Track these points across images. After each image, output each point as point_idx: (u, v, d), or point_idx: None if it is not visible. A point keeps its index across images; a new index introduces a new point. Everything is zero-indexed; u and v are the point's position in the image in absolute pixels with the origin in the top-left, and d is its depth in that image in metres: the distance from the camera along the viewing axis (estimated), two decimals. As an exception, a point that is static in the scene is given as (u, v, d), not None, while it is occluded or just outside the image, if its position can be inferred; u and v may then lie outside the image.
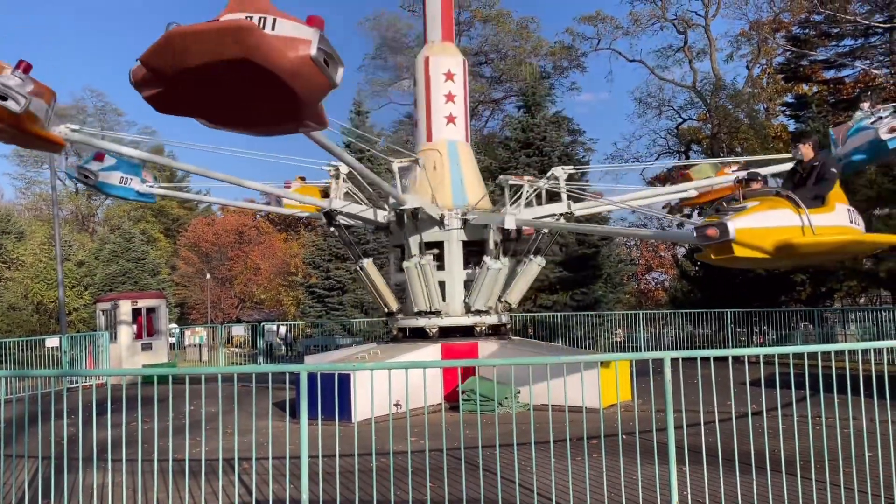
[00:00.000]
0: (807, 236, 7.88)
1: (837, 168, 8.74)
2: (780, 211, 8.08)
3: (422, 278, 13.83)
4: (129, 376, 16.95)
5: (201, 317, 50.17)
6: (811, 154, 8.68)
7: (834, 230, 8.12)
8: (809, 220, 7.90)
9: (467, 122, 15.61)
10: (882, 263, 20.58)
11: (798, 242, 7.94)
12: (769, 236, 8.06)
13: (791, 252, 8.20)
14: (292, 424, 9.36)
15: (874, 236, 8.93)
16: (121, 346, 21.44)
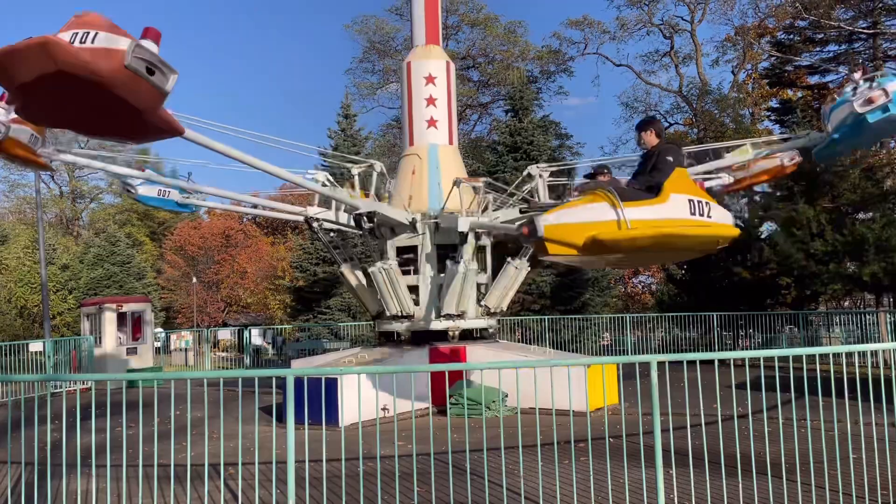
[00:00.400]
0: (622, 231, 7.42)
1: (678, 156, 7.96)
2: (595, 205, 7.64)
3: (388, 283, 13.81)
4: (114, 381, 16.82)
5: (187, 321, 49.85)
6: (654, 141, 8.09)
7: (652, 224, 7.50)
8: (623, 214, 7.40)
9: (451, 125, 15.51)
10: (865, 267, 20.76)
11: (609, 238, 7.52)
12: (580, 232, 7.65)
13: (605, 248, 7.75)
14: (279, 429, 9.31)
15: (708, 229, 7.79)
16: (105, 350, 21.27)
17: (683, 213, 7.59)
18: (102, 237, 41.59)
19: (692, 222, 7.59)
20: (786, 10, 34.57)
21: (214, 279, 53.20)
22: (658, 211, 7.50)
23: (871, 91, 8.65)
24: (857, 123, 8.67)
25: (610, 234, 7.48)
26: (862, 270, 20.88)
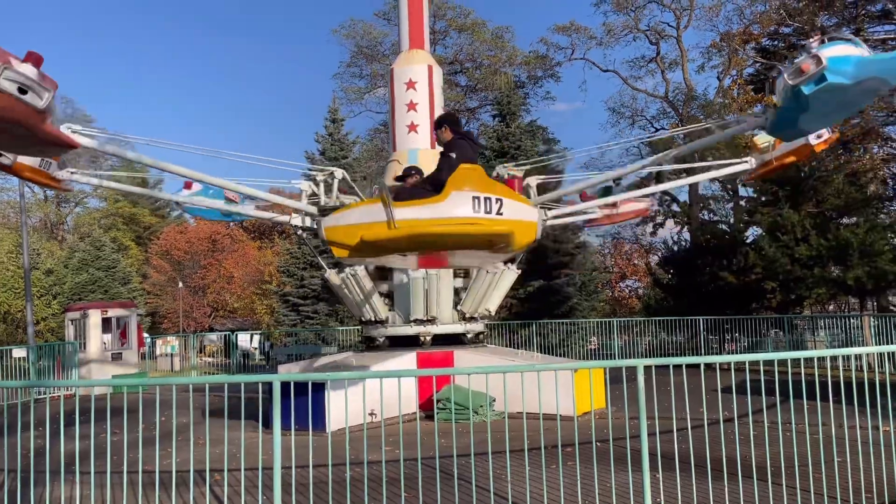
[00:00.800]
0: (390, 231, 7.55)
1: (465, 151, 7.82)
2: (371, 207, 7.76)
3: (357, 289, 13.79)
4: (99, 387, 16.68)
5: (173, 326, 49.52)
6: (449, 138, 8.05)
7: (420, 223, 7.52)
8: (392, 214, 7.50)
9: (433, 128, 15.41)
10: (850, 272, 20.95)
11: (374, 238, 7.68)
12: (353, 233, 7.90)
13: (376, 248, 7.91)
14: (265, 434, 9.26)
15: (478, 227, 7.59)
16: (90, 356, 21.09)
17: (464, 211, 7.43)
18: (87, 242, 41.28)
19: (463, 220, 7.45)
20: (770, 17, 34.89)
21: (201, 284, 52.89)
22: (434, 210, 7.46)
23: (803, 60, 7.54)
24: (796, 96, 7.77)
25: (375, 235, 7.63)
26: (846, 275, 21.07)
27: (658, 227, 45.59)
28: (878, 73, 7.03)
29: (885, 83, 7.38)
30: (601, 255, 53.45)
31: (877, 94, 8.21)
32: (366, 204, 7.89)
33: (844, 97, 7.54)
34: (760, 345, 22.87)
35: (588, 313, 28.88)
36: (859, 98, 8.02)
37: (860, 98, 8.07)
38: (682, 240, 31.16)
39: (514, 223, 7.60)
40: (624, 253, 55.55)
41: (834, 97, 7.42)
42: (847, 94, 7.41)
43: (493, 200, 7.47)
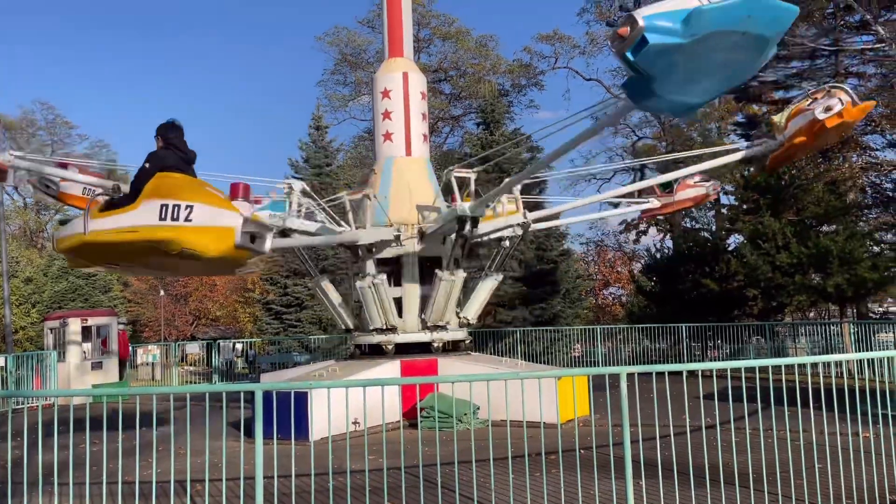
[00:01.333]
0: (81, 238, 7.99)
1: (160, 160, 7.93)
2: (80, 218, 8.23)
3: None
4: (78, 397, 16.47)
5: (154, 334, 49.08)
6: (158, 146, 8.16)
7: (102, 232, 7.89)
8: (88, 224, 7.87)
9: (409, 135, 15.27)
10: (830, 279, 21.17)
11: (71, 245, 8.23)
12: (64, 242, 8.43)
13: (82, 254, 8.34)
14: (247, 444, 9.18)
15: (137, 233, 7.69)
16: (69, 365, 20.82)
17: (150, 219, 7.52)
18: None
19: (129, 229, 7.67)
20: (751, 28, 35.30)
21: (183, 292, 52.48)
22: (128, 218, 7.69)
23: (620, 24, 6.73)
24: (627, 64, 6.92)
25: (72, 243, 8.13)
26: (826, 282, 21.30)
27: (641, 234, 45.86)
28: (726, 26, 6.21)
29: (752, 37, 6.37)
30: (585, 263, 53.65)
31: (762, 51, 6.78)
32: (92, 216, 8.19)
33: (699, 58, 6.57)
34: (742, 352, 23.03)
35: (572, 321, 28.95)
36: (732, 56, 6.74)
37: (733, 56, 6.76)
38: (664, 247, 31.34)
39: (184, 230, 7.46)
40: (607, 260, 55.81)
41: (681, 59, 6.51)
42: (698, 54, 6.46)
43: (183, 207, 7.45)
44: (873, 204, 30.79)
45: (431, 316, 14.03)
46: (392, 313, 13.96)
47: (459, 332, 14.74)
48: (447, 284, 13.78)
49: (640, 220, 38.21)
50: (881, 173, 30.83)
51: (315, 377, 13.10)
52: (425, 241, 14.31)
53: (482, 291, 14.85)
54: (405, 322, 14.24)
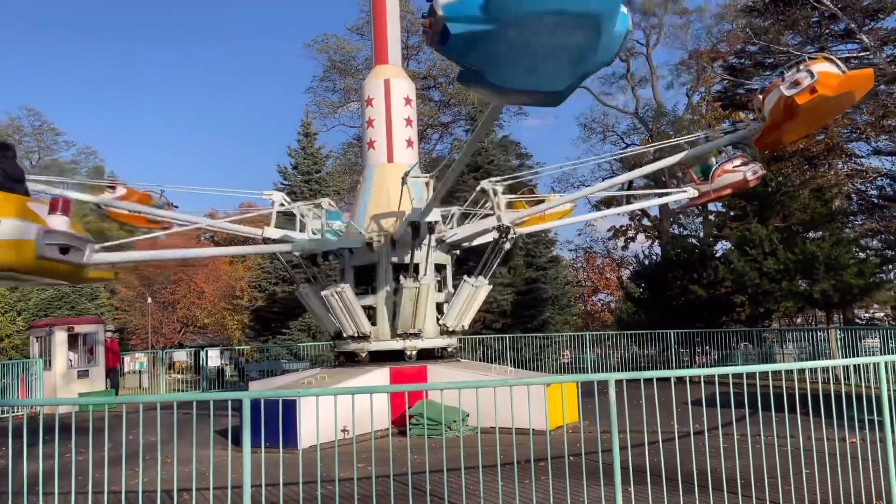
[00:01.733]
0: None
1: None
2: None
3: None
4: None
5: (142, 342, 48.73)
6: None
7: None
8: None
9: (391, 142, 15.27)
10: (816, 285, 21.30)
11: None
12: None
13: None
14: (235, 452, 9.12)
15: None
16: (55, 373, 20.63)
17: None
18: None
19: None
20: (737, 36, 35.61)
21: (170, 299, 52.16)
22: None
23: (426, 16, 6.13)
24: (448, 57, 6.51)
25: None
26: (813, 288, 21.42)
27: (629, 241, 46.05)
28: (532, 7, 5.57)
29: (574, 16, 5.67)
30: (574, 269, 53.76)
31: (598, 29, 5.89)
32: None
33: (523, 44, 5.93)
34: (730, 357, 23.14)
35: (561, 327, 28.99)
36: (564, 39, 6.01)
37: (566, 38, 6.02)
38: (652, 254, 31.49)
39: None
40: (596, 267, 55.95)
41: (498, 47, 5.96)
42: (516, 39, 5.83)
43: None
44: (859, 210, 31.06)
45: (400, 324, 13.96)
46: (362, 321, 13.91)
47: (439, 340, 14.58)
48: (410, 292, 13.61)
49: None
50: (866, 180, 31.12)
51: (304, 385, 13.05)
52: (399, 248, 14.23)
53: (460, 298, 14.61)
54: (378, 330, 14.20)
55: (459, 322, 14.46)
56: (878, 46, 27.83)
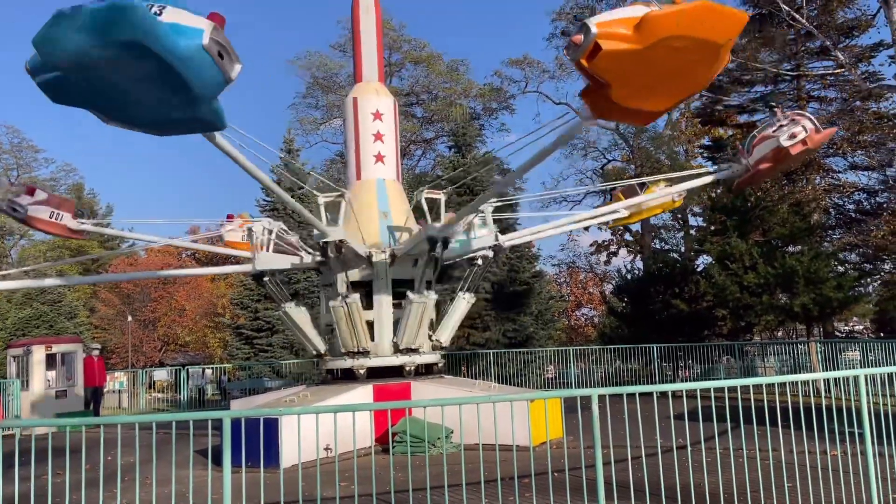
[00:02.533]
0: None
1: None
2: None
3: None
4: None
5: (122, 361, 48.14)
6: None
7: None
8: None
9: (359, 159, 15.36)
10: (796, 299, 21.51)
11: None
12: None
13: None
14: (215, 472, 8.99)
15: None
16: (33, 394, 20.30)
17: None
18: (32, 275, 39.93)
19: None
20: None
21: (151, 317, 51.63)
22: None
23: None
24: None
25: None
26: (793, 302, 21.62)
27: (612, 255, 46.29)
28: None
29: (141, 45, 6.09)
30: (557, 284, 53.95)
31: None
32: None
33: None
34: (713, 371, 23.27)
35: (545, 342, 29.02)
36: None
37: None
38: (635, 268, 31.67)
39: None
40: (579, 282, 56.18)
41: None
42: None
43: None
44: (837, 225, 31.50)
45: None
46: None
47: (432, 356, 14.64)
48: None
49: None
50: (843, 195, 31.60)
51: (286, 403, 12.94)
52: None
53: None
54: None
55: (419, 339, 14.35)
56: (852, 63, 28.35)
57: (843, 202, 32.02)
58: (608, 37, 6.76)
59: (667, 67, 7.23)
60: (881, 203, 30.94)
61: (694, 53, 7.21)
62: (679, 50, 7.01)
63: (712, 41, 7.13)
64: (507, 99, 44.80)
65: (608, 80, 7.18)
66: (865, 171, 31.52)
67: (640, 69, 7.07)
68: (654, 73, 7.25)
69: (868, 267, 30.66)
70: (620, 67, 7.03)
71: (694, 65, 7.41)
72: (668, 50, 6.92)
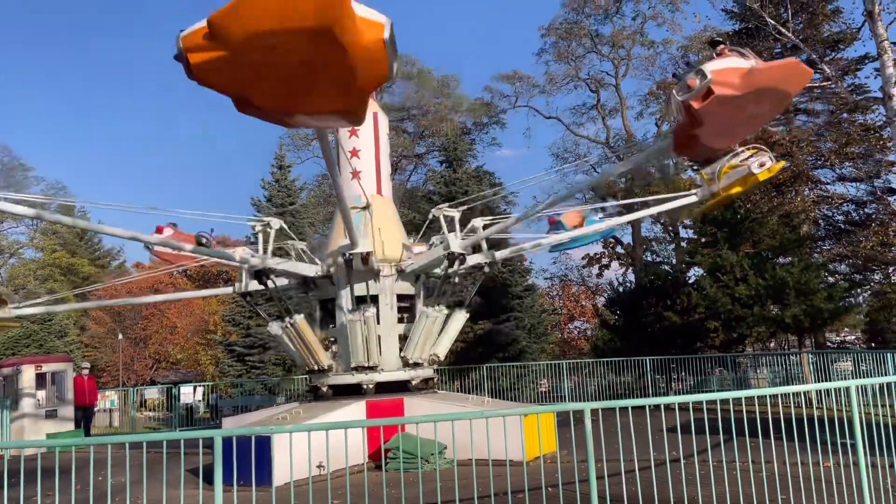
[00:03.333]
0: None
1: None
2: None
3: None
4: (30, 446, 15.88)
5: (113, 379, 47.78)
6: None
7: None
8: None
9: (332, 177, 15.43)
10: (787, 310, 21.59)
11: None
12: None
13: None
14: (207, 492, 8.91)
15: None
16: (23, 414, 20.08)
17: None
18: (22, 294, 39.74)
19: None
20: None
21: (142, 335, 51.33)
22: None
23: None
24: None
25: None
26: (784, 313, 21.70)
27: (604, 268, 46.37)
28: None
29: None
30: (550, 298, 53.93)
31: None
32: None
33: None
34: (706, 383, 23.26)
35: (538, 355, 28.96)
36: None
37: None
38: (627, 281, 31.71)
39: None
40: (571, 295, 56.18)
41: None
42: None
43: None
44: (826, 236, 31.65)
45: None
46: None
47: (401, 373, 14.52)
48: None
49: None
50: (832, 206, 31.77)
51: (278, 421, 12.86)
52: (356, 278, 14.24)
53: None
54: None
55: (424, 353, 14.27)
56: (839, 76, 28.62)
57: (832, 213, 32.20)
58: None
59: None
60: (869, 214, 31.13)
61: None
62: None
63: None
64: (497, 113, 45.04)
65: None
66: (853, 182, 31.75)
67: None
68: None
69: (858, 277, 30.80)
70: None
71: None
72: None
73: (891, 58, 18.01)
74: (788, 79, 8.53)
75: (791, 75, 8.86)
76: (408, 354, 14.06)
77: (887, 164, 30.48)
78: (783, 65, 8.93)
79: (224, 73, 6.35)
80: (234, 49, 6.01)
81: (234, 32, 5.90)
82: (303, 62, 6.09)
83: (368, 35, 6.03)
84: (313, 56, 5.97)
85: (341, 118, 7.25)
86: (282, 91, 6.54)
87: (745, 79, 8.33)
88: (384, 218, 15.05)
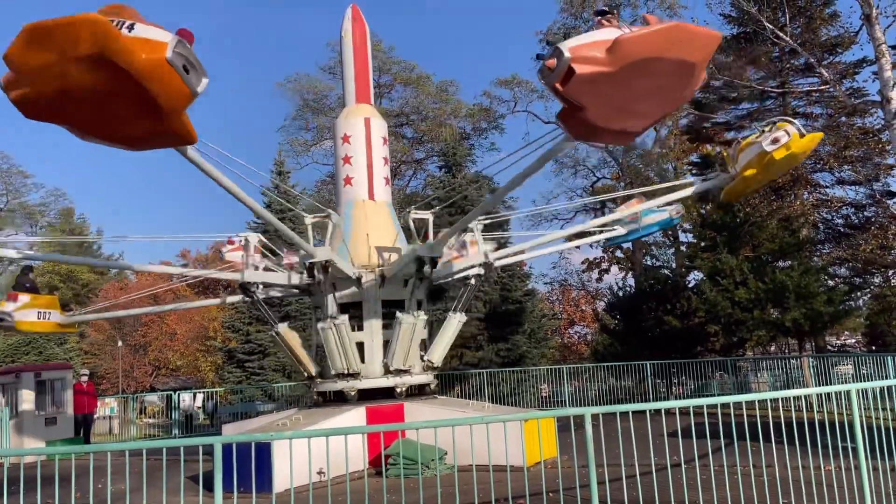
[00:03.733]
0: None
1: None
2: None
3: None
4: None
5: (112, 387, 47.69)
6: None
7: None
8: None
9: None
10: (787, 314, 21.58)
11: None
12: None
13: None
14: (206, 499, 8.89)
15: None
16: (22, 421, 20.05)
17: None
18: None
19: None
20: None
21: (142, 342, 51.26)
22: None
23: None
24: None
25: None
26: (784, 317, 21.69)
27: (603, 273, 46.36)
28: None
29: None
30: (549, 302, 53.90)
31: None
32: None
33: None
34: (706, 388, 23.23)
35: (538, 360, 28.92)
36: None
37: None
38: (626, 285, 31.74)
39: None
40: (571, 299, 56.14)
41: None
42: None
43: None
44: (826, 239, 31.69)
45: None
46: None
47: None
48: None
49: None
50: (832, 209, 31.83)
51: (278, 427, 12.83)
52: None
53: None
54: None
55: (410, 360, 14.27)
56: (837, 80, 28.68)
57: (831, 217, 32.25)
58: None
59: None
60: (869, 217, 31.18)
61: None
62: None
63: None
64: (496, 119, 45.09)
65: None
66: (852, 185, 31.81)
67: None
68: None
69: (858, 281, 30.83)
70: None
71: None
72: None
73: (888, 61, 18.04)
74: (679, 45, 7.17)
75: (680, 40, 7.42)
76: (389, 361, 13.99)
77: (886, 168, 30.56)
78: (661, 30, 7.41)
79: (38, 105, 6.60)
80: (31, 82, 6.29)
81: (26, 64, 6.20)
82: (99, 89, 6.33)
83: (146, 55, 6.22)
84: (102, 81, 6.22)
85: (171, 140, 7.54)
86: (97, 118, 6.84)
87: (612, 52, 7.12)
88: (374, 224, 15.04)
